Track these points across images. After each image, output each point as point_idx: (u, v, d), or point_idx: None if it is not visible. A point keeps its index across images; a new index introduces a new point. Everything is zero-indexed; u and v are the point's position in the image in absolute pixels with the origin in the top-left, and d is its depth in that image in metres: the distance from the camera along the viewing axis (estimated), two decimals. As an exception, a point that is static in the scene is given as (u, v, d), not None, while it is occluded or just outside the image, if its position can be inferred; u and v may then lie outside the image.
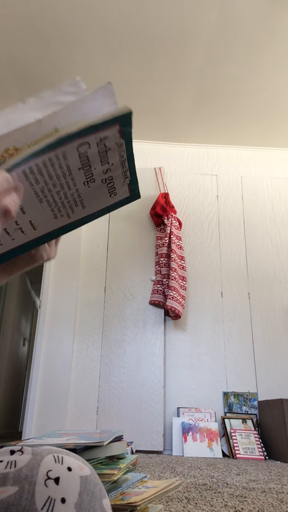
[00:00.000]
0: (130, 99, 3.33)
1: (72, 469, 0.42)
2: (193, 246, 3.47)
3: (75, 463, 0.43)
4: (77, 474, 0.42)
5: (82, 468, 0.43)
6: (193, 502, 1.09)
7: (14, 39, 2.76)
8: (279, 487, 1.39)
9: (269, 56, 2.88)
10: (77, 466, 0.43)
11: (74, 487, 0.40)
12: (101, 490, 0.44)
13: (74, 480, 0.41)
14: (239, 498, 1.16)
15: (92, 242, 3.43)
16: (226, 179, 3.77)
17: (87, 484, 0.42)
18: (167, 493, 0.80)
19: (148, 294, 3.21)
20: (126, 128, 0.44)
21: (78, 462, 0.44)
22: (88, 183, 0.46)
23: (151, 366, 3.00)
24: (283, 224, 3.59)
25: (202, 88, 3.20)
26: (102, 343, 3.08)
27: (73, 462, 0.43)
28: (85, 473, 0.43)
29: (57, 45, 2.81)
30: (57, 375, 2.95)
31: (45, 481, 0.39)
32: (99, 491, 0.43)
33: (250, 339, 3.16)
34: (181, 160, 3.82)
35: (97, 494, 0.42)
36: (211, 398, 2.96)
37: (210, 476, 1.62)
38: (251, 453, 2.57)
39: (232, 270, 3.40)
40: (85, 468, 0.44)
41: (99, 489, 0.43)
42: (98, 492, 0.43)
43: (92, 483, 0.42)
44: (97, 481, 0.44)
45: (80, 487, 0.41)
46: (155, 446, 2.76)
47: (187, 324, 3.18)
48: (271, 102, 3.32)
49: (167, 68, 3.00)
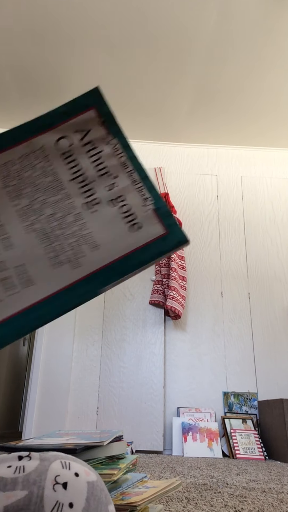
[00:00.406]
0: (130, 99, 3.33)
1: (79, 475, 0.43)
2: (193, 246, 3.47)
3: (81, 469, 0.44)
4: (84, 479, 0.43)
5: (88, 474, 0.44)
6: (193, 502, 1.09)
7: (14, 40, 2.76)
8: (279, 487, 1.39)
9: (269, 55, 2.88)
10: (84, 472, 0.44)
11: (81, 492, 0.41)
12: (107, 496, 0.45)
13: (81, 485, 0.42)
14: (239, 498, 1.16)
15: (92, 242, 3.43)
16: (226, 179, 3.77)
17: (94, 489, 0.42)
18: (167, 493, 0.80)
19: (148, 294, 3.21)
20: (102, 108, 0.37)
21: (85, 468, 0.44)
22: (92, 205, 0.35)
23: (151, 366, 3.00)
24: (283, 224, 3.59)
25: (202, 88, 3.20)
26: (102, 343, 3.08)
27: (80, 468, 0.44)
28: (91, 479, 0.44)
29: (57, 46, 2.81)
30: (57, 375, 2.95)
31: (53, 486, 0.39)
32: (105, 497, 0.44)
33: (250, 339, 3.16)
34: (181, 160, 3.82)
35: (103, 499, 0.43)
36: (211, 398, 2.96)
37: (210, 476, 1.62)
38: (251, 453, 2.57)
39: (232, 270, 3.40)
40: (91, 474, 0.45)
41: (105, 495, 0.44)
42: (104, 498, 0.44)
43: (98, 489, 0.43)
44: (103, 487, 0.45)
45: (87, 493, 0.41)
46: (155, 446, 2.76)
47: (187, 324, 3.18)
48: (271, 102, 3.32)
49: (167, 68, 3.00)
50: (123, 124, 3.62)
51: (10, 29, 2.68)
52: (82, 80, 3.13)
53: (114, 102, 3.36)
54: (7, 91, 3.25)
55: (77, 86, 3.18)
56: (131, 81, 3.14)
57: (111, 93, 3.27)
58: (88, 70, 3.03)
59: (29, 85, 3.18)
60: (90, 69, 3.02)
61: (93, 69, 3.02)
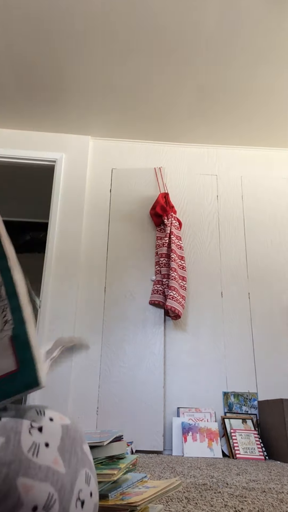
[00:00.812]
0: (130, 99, 3.33)
1: (53, 419, 0.47)
2: (193, 246, 3.47)
3: (56, 414, 0.48)
4: (59, 423, 0.47)
5: (63, 418, 0.49)
6: (193, 502, 1.09)
7: (15, 41, 2.76)
8: (279, 487, 1.39)
9: (270, 56, 2.88)
10: (58, 417, 0.48)
11: (56, 434, 0.45)
12: (81, 436, 0.50)
13: (56, 428, 0.46)
14: (239, 498, 1.16)
15: (92, 242, 3.43)
16: (226, 179, 3.77)
17: (68, 431, 0.47)
18: (167, 493, 0.80)
19: (148, 294, 3.21)
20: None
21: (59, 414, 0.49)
22: None
23: (151, 366, 3.00)
24: (283, 224, 3.59)
25: (203, 88, 3.20)
26: (102, 343, 3.08)
27: (54, 414, 0.48)
28: (66, 422, 0.48)
29: (58, 47, 2.81)
30: (57, 375, 2.95)
31: (29, 430, 0.43)
32: (80, 437, 0.49)
33: (250, 339, 3.16)
34: (181, 160, 3.82)
35: (78, 439, 0.48)
36: (211, 398, 2.96)
37: (210, 476, 1.62)
38: (251, 453, 2.57)
39: (232, 270, 3.40)
40: (65, 419, 0.49)
41: (80, 436, 0.49)
42: (79, 438, 0.49)
43: (72, 430, 0.48)
44: (77, 428, 0.50)
45: (62, 433, 0.46)
46: (155, 446, 2.76)
47: (187, 324, 3.18)
48: (271, 102, 3.32)
49: (168, 68, 3.00)
50: (124, 124, 3.62)
51: (10, 29, 2.68)
52: (83, 81, 3.13)
53: (115, 102, 3.36)
54: (7, 91, 3.25)
55: (78, 86, 3.18)
56: (132, 81, 3.14)
57: (111, 93, 3.27)
58: (89, 71, 3.03)
59: (30, 86, 3.18)
60: (91, 69, 3.02)
61: (94, 69, 3.02)
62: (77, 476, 0.44)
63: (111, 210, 3.54)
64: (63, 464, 0.43)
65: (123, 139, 3.83)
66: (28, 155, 3.63)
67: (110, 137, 3.82)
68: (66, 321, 3.10)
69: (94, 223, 3.50)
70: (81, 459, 0.46)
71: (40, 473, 0.40)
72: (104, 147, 3.81)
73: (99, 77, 3.10)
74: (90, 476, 0.47)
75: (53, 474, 0.41)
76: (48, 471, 0.41)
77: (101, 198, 3.60)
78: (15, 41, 2.77)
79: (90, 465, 0.48)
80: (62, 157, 3.67)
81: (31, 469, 0.40)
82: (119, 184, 3.64)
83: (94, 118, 3.56)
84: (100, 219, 3.52)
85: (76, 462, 0.45)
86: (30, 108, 3.44)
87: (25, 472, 0.39)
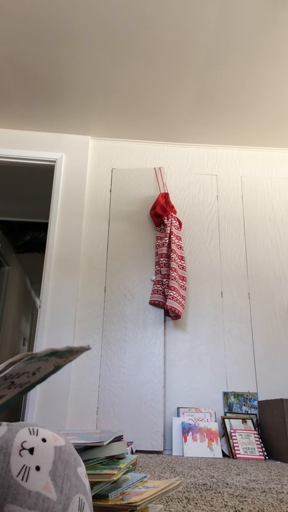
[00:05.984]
0: (130, 99, 3.33)
1: (46, 440, 0.44)
2: (193, 246, 3.47)
3: (50, 434, 0.46)
4: (52, 444, 0.45)
5: (56, 439, 0.46)
6: (193, 502, 1.09)
7: (15, 40, 2.76)
8: (279, 487, 1.39)
9: (269, 56, 2.88)
10: (52, 437, 0.46)
11: (48, 456, 0.43)
12: (76, 459, 0.47)
13: (48, 450, 0.44)
14: (239, 498, 1.16)
15: (92, 242, 3.43)
16: (226, 179, 3.77)
17: (61, 453, 0.45)
18: (167, 493, 0.80)
19: (148, 294, 3.21)
20: None
21: (53, 434, 0.46)
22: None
23: (151, 366, 3.00)
24: (283, 224, 3.59)
25: (202, 88, 3.20)
26: (102, 343, 3.08)
27: (48, 434, 0.46)
28: (59, 444, 0.46)
29: (57, 46, 2.81)
30: (57, 375, 2.95)
31: (19, 452, 0.41)
32: (74, 460, 0.46)
33: (250, 339, 3.16)
34: (181, 160, 3.82)
35: (71, 462, 0.45)
36: (211, 398, 2.96)
37: (210, 476, 1.62)
38: (251, 453, 2.57)
39: (232, 270, 3.40)
40: (59, 439, 0.46)
41: (74, 458, 0.46)
42: (73, 461, 0.46)
43: (66, 452, 0.45)
44: (71, 451, 0.47)
45: (54, 456, 0.43)
46: (155, 446, 2.76)
47: (187, 324, 3.18)
48: (271, 102, 3.32)
49: (167, 68, 3.00)
50: (123, 124, 3.62)
51: (10, 29, 2.68)
52: (82, 81, 3.13)
53: (115, 102, 3.36)
54: (7, 91, 3.25)
55: (77, 86, 3.18)
56: (131, 81, 3.14)
57: (111, 93, 3.27)
58: (89, 71, 3.03)
59: (30, 85, 3.18)
60: (91, 70, 3.02)
61: (94, 70, 3.02)
62: (69, 503, 0.41)
63: (111, 210, 3.54)
64: (54, 490, 0.41)
65: (123, 139, 3.83)
66: (28, 155, 3.63)
67: (110, 137, 3.82)
68: (66, 321, 3.10)
69: (94, 223, 3.50)
70: (74, 485, 0.44)
71: (29, 500, 0.38)
72: (104, 147, 3.81)
73: (98, 77, 3.10)
74: (84, 502, 0.44)
75: (43, 501, 0.39)
76: (38, 498, 0.39)
77: (101, 198, 3.60)
78: (14, 41, 2.77)
79: (85, 490, 0.45)
80: (62, 157, 3.67)
81: (20, 495, 0.38)
82: (119, 184, 3.64)
83: (94, 118, 3.56)
84: (100, 219, 3.52)
85: (69, 488, 0.42)
86: (30, 108, 3.44)
87: (13, 499, 0.37)
